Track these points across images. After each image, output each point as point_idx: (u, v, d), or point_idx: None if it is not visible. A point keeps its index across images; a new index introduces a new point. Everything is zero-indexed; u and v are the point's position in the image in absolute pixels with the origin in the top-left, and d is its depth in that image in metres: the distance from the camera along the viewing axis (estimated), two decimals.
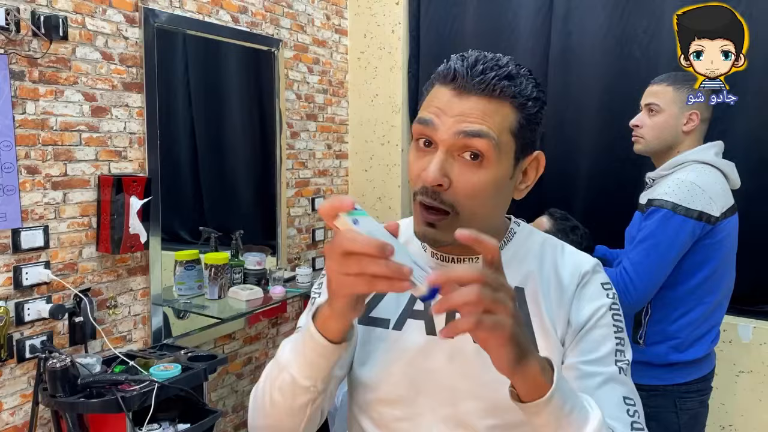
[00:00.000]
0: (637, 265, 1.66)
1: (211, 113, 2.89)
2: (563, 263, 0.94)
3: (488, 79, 0.82)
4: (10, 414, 1.87)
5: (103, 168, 2.09)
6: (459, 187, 0.83)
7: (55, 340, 1.96)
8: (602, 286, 0.92)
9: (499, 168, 0.84)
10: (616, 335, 0.89)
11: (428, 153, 0.85)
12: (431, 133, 0.84)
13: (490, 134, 0.82)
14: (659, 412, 1.76)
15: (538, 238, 0.97)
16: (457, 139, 0.82)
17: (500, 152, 0.83)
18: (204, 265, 2.46)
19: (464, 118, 0.82)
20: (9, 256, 1.83)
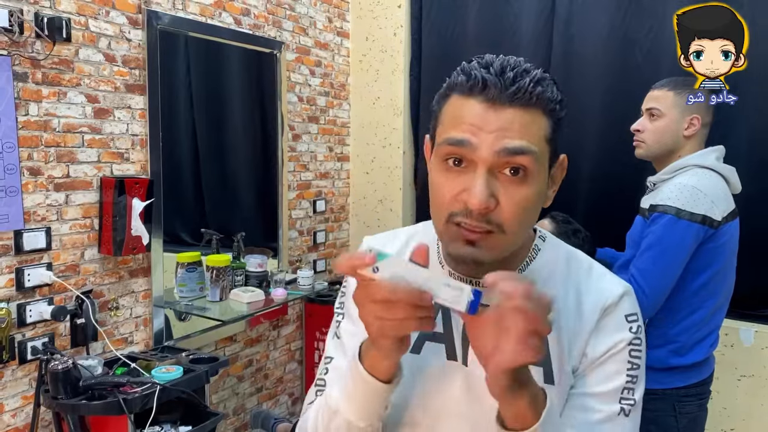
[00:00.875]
0: (645, 272, 1.66)
1: (212, 115, 2.90)
2: (588, 289, 0.88)
3: (523, 88, 0.77)
4: (11, 416, 1.87)
5: (106, 170, 2.09)
6: (506, 206, 0.78)
7: (57, 341, 1.96)
8: (626, 318, 0.86)
9: (540, 180, 0.80)
10: (628, 372, 0.85)
11: (462, 173, 0.79)
12: (468, 153, 0.78)
13: (532, 149, 0.77)
14: (658, 415, 1.76)
15: (562, 254, 0.91)
16: (500, 157, 0.77)
17: (541, 163, 0.79)
18: (205, 267, 2.46)
19: (504, 133, 0.76)
20: (11, 257, 1.84)
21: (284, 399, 2.98)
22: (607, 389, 0.84)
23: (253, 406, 2.78)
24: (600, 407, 0.84)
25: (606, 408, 0.84)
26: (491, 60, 0.80)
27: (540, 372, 0.85)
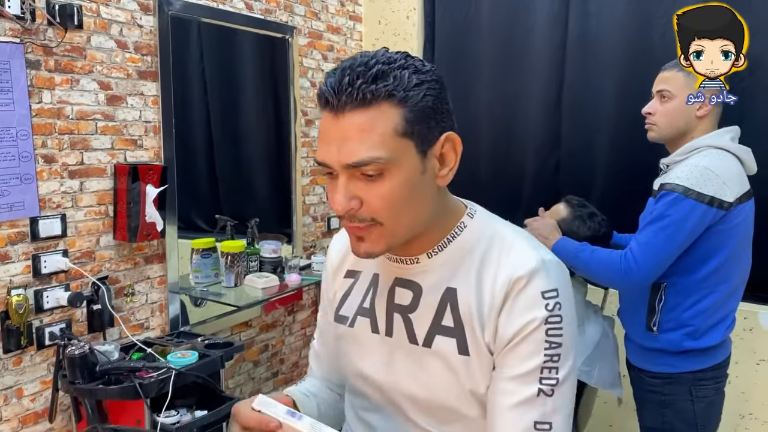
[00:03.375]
0: (643, 245, 1.65)
1: (225, 101, 2.90)
2: (505, 262, 0.88)
3: (356, 89, 0.79)
4: (30, 400, 1.90)
5: (119, 156, 2.10)
6: (370, 203, 0.83)
7: (74, 327, 1.98)
8: (542, 296, 0.85)
9: (403, 172, 0.82)
10: (546, 352, 0.85)
11: (335, 178, 0.85)
12: (329, 168, 0.84)
13: (370, 158, 0.80)
14: (674, 400, 1.75)
15: (488, 231, 0.93)
16: (348, 168, 0.82)
17: (395, 160, 0.81)
18: (220, 253, 2.47)
19: (344, 143, 0.80)
20: (27, 244, 1.85)
21: None
22: (524, 370, 0.85)
23: (269, 391, 2.80)
24: (517, 389, 0.85)
25: (523, 390, 0.85)
26: (338, 67, 0.83)
27: (453, 343, 0.89)
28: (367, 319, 0.99)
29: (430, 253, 0.93)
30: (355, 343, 1.01)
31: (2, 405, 1.83)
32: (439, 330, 0.91)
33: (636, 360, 1.84)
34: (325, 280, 1.12)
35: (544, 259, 0.88)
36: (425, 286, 0.93)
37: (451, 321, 0.90)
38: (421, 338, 0.92)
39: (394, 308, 0.96)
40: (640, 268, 1.64)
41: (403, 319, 0.94)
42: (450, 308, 0.90)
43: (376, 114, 0.80)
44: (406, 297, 0.94)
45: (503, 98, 2.80)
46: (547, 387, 0.85)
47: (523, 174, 2.77)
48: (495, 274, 0.88)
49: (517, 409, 0.85)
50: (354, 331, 1.01)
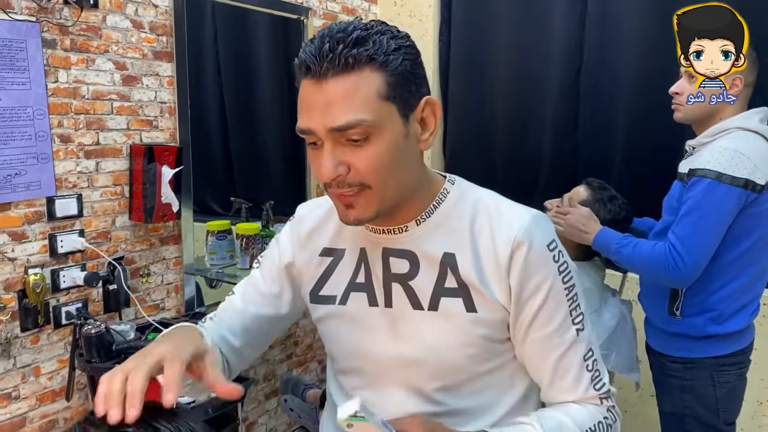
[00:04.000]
0: (684, 239, 1.60)
1: (240, 83, 2.89)
2: (498, 227, 0.92)
3: (337, 55, 0.80)
4: (48, 378, 1.91)
5: (135, 137, 2.09)
6: (358, 168, 0.83)
7: (90, 307, 1.99)
8: (547, 248, 0.91)
9: (388, 135, 0.83)
10: (568, 298, 0.92)
11: (318, 149, 0.85)
12: (313, 136, 0.84)
13: (357, 119, 0.81)
14: (696, 384, 1.73)
15: (471, 197, 0.96)
16: (333, 133, 0.82)
17: (380, 122, 0.82)
18: (235, 236, 2.47)
19: (329, 109, 0.81)
20: (44, 223, 1.86)
21: (314, 366, 3.01)
22: (559, 322, 0.92)
23: (283, 373, 2.81)
24: (558, 340, 0.93)
25: (563, 338, 0.93)
26: (317, 36, 0.83)
27: (460, 302, 0.92)
28: (363, 294, 0.98)
29: (419, 220, 0.94)
30: (349, 321, 1.00)
31: (20, 383, 1.84)
32: (444, 292, 0.93)
33: (657, 344, 1.82)
34: (285, 248, 1.07)
35: (533, 214, 0.93)
36: (420, 252, 0.94)
37: (454, 282, 0.92)
38: (426, 303, 0.94)
39: (391, 278, 0.96)
40: (686, 264, 1.59)
41: (404, 287, 0.95)
42: (451, 271, 0.92)
43: (359, 78, 0.81)
44: (402, 266, 0.95)
45: (521, 79, 2.76)
46: (578, 325, 0.94)
47: (541, 155, 2.73)
48: (492, 239, 0.91)
49: (566, 356, 0.93)
50: (347, 308, 1.00)
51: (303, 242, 1.05)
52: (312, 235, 1.04)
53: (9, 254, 1.78)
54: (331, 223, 1.03)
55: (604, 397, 0.96)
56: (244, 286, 1.10)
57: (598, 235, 1.76)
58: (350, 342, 1.01)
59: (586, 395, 0.95)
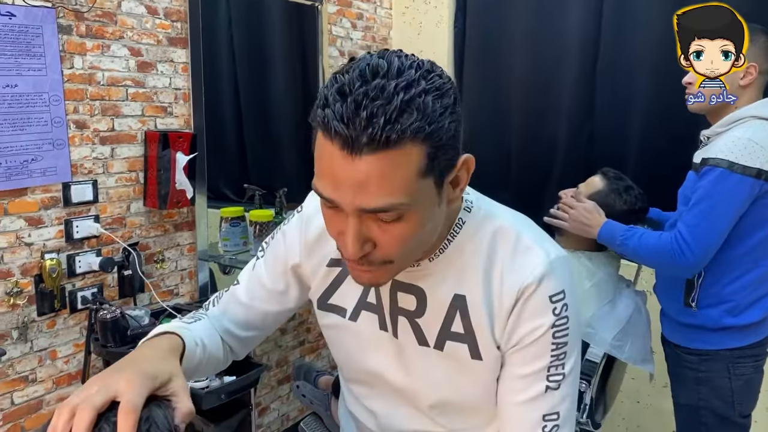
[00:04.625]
0: (692, 228, 1.59)
1: (254, 69, 2.88)
2: (512, 266, 0.86)
3: (378, 129, 0.67)
4: (64, 362, 1.93)
5: (150, 123, 2.10)
6: (385, 246, 0.76)
7: (105, 292, 2.00)
8: (549, 300, 0.85)
9: (422, 210, 0.75)
10: (552, 353, 0.86)
11: (338, 212, 0.75)
12: (334, 205, 0.74)
13: (392, 204, 0.71)
14: (711, 376, 1.72)
15: (489, 229, 0.88)
16: (363, 213, 0.73)
17: (416, 202, 0.73)
18: (249, 222, 2.47)
19: (361, 189, 0.70)
20: (60, 209, 1.87)
21: (326, 353, 3.02)
22: (531, 370, 0.87)
23: (296, 359, 2.82)
24: (524, 387, 0.88)
25: (530, 388, 0.88)
26: (348, 92, 0.68)
27: (465, 348, 0.89)
28: (374, 315, 0.95)
29: (432, 257, 0.88)
30: (358, 338, 0.97)
31: (37, 366, 1.87)
32: (450, 336, 0.90)
33: (672, 336, 1.81)
34: (292, 248, 1.00)
35: (551, 261, 0.86)
36: (429, 291, 0.89)
37: (461, 328, 0.89)
38: (432, 341, 0.91)
39: (398, 311, 0.92)
40: (693, 253, 1.58)
41: (410, 323, 0.92)
42: (460, 315, 0.88)
43: (399, 156, 0.69)
44: (410, 302, 0.91)
45: (536, 67, 2.74)
46: (553, 383, 0.87)
47: (556, 144, 2.71)
48: (503, 277, 0.86)
49: (526, 405, 0.88)
50: (357, 325, 0.96)
51: (311, 247, 0.99)
52: (320, 241, 0.97)
53: (26, 239, 1.80)
54: None
55: None
56: (248, 279, 1.06)
57: (603, 229, 1.75)
58: (359, 358, 0.99)
59: None
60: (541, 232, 0.91)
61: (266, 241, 1.07)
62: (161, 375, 0.70)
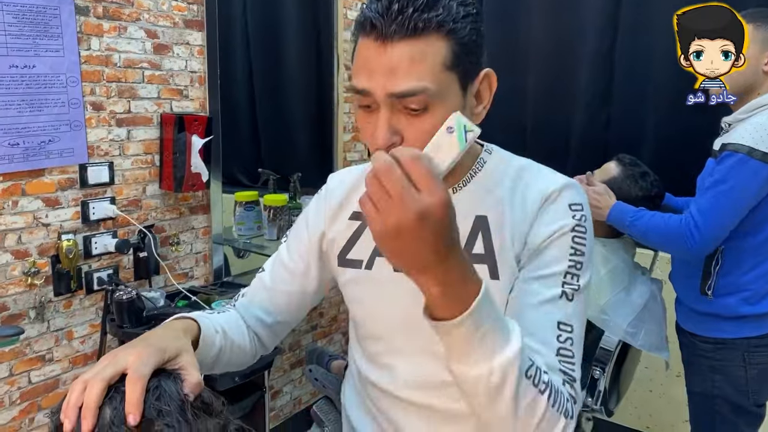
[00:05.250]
0: (705, 211, 1.58)
1: (267, 54, 2.87)
2: (534, 184, 0.92)
3: (407, 18, 0.76)
4: (80, 342, 1.95)
5: (165, 106, 2.10)
6: (411, 139, 0.80)
7: (121, 273, 2.02)
8: (569, 207, 0.90)
9: (446, 107, 0.79)
10: (570, 258, 0.88)
11: (372, 113, 0.82)
12: (369, 99, 0.80)
13: (420, 87, 0.77)
14: (726, 365, 1.71)
15: (514, 164, 0.96)
16: (393, 99, 0.79)
17: (441, 93, 0.79)
18: (263, 207, 2.48)
19: (392, 73, 0.77)
20: (77, 190, 1.88)
21: (338, 338, 3.03)
22: (549, 272, 0.87)
23: (308, 343, 2.84)
24: (541, 290, 0.87)
25: (547, 291, 0.87)
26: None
27: (485, 269, 0.90)
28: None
29: (455, 188, 0.94)
30: (374, 286, 0.99)
31: (54, 345, 1.89)
32: (471, 258, 0.89)
33: (687, 324, 1.80)
34: (316, 215, 1.07)
35: (569, 179, 0.93)
36: None
37: (482, 248, 0.91)
38: None
39: None
40: (702, 236, 1.57)
41: None
42: (481, 235, 0.91)
43: (426, 44, 0.77)
44: None
45: (553, 52, 2.71)
46: (569, 290, 0.87)
47: (571, 128, 2.68)
48: (525, 193, 0.91)
49: (542, 307, 0.86)
50: (372, 273, 0.98)
51: (335, 213, 1.04)
52: (343, 204, 1.04)
53: (43, 220, 1.81)
54: (362, 187, 0.99)
55: (567, 381, 0.83)
56: (272, 263, 1.10)
57: (612, 210, 1.75)
58: (373, 307, 1.00)
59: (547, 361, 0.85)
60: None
61: (290, 230, 1.12)
62: (169, 349, 0.73)
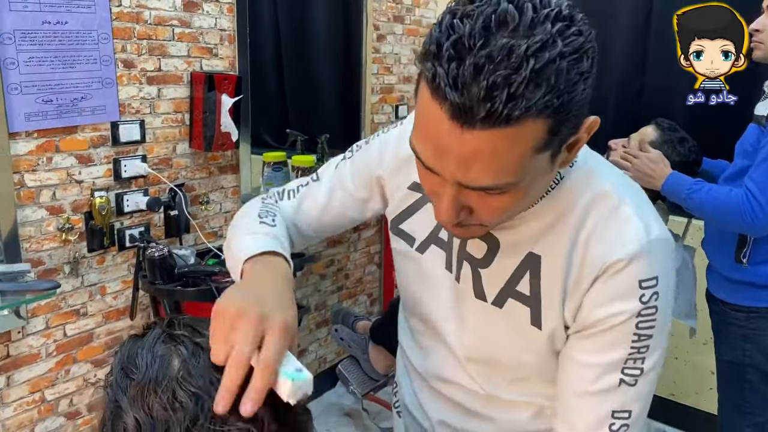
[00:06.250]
0: (763, 186, 1.51)
1: (295, 14, 2.84)
2: (602, 236, 0.74)
3: (498, 105, 0.57)
4: (113, 298, 1.99)
5: (195, 65, 2.09)
6: (482, 214, 0.69)
7: (152, 231, 2.04)
8: (639, 285, 0.73)
9: (530, 183, 0.67)
10: (633, 344, 0.75)
11: (431, 174, 0.67)
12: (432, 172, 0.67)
13: (498, 185, 0.64)
14: (758, 334, 1.69)
15: (588, 190, 0.76)
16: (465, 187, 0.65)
17: (526, 177, 0.65)
18: (291, 167, 2.48)
19: (466, 165, 0.62)
20: (109, 148, 1.89)
21: (363, 299, 3.06)
22: (605, 361, 0.76)
23: (334, 304, 2.87)
24: (596, 378, 0.77)
25: (603, 379, 0.77)
26: (469, 45, 0.57)
27: (527, 312, 0.80)
28: (442, 253, 0.87)
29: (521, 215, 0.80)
30: (421, 272, 0.91)
31: (88, 300, 1.92)
32: (513, 294, 0.81)
33: (719, 292, 1.77)
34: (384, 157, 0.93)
35: (650, 240, 0.73)
36: (504, 243, 0.80)
37: (527, 289, 0.79)
38: (490, 296, 0.83)
39: (464, 255, 0.84)
40: (765, 211, 1.50)
41: (473, 271, 0.84)
42: (530, 276, 0.79)
43: (516, 133, 0.59)
44: (479, 248, 0.82)
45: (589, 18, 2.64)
46: (629, 378, 0.76)
47: (606, 98, 2.64)
48: (588, 245, 0.75)
49: (594, 397, 0.78)
50: (423, 259, 0.90)
51: (400, 165, 0.91)
52: (409, 161, 0.87)
53: (76, 176, 1.83)
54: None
55: None
56: (330, 177, 0.98)
57: (668, 180, 1.68)
58: (417, 292, 0.94)
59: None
60: (647, 204, 0.78)
61: (358, 144, 0.98)
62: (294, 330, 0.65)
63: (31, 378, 1.83)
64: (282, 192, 1.00)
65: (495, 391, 0.89)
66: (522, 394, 0.88)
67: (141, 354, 0.62)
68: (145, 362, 0.61)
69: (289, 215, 0.97)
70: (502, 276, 0.81)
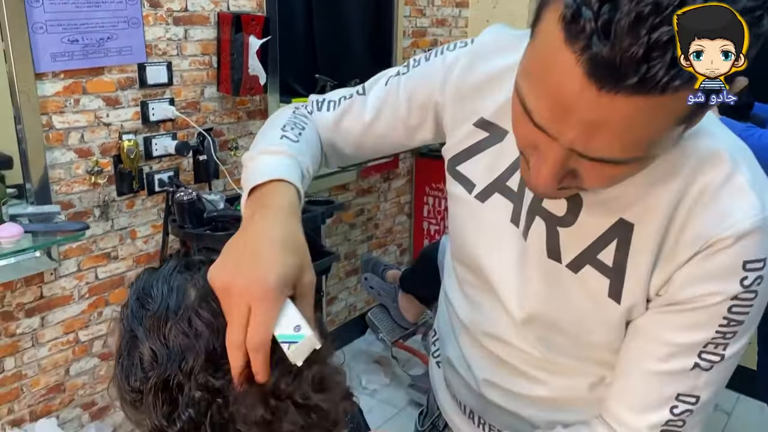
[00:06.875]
0: None
1: None
2: (708, 206, 0.64)
3: (657, 71, 0.47)
4: (143, 242, 1.99)
5: (222, 5, 2.03)
6: (588, 181, 0.59)
7: (181, 176, 2.02)
8: (743, 266, 0.63)
9: (658, 154, 0.58)
10: (720, 329, 0.66)
11: (538, 132, 0.57)
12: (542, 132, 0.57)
13: (625, 159, 0.55)
14: None
15: (698, 150, 0.66)
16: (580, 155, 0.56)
17: (655, 149, 0.56)
18: None
19: (592, 132, 0.52)
20: (136, 90, 1.86)
21: (393, 249, 3.03)
22: (683, 341, 0.67)
23: (364, 253, 2.85)
24: (669, 358, 0.68)
25: (676, 361, 0.68)
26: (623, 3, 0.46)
27: (605, 284, 0.70)
28: (509, 204, 0.77)
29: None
30: (479, 222, 0.80)
31: (118, 244, 1.93)
32: (593, 261, 0.71)
33: None
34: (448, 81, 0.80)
35: (765, 217, 0.63)
36: (589, 203, 0.70)
37: (610, 260, 0.69)
38: (566, 258, 0.72)
39: (538, 210, 0.74)
40: None
41: (548, 229, 0.73)
42: (616, 246, 0.69)
43: (666, 104, 0.50)
44: (559, 206, 0.72)
45: None
46: (706, 363, 0.68)
47: None
48: (691, 215, 0.65)
49: (661, 377, 0.69)
50: (483, 208, 0.79)
51: (465, 93, 0.79)
52: (479, 92, 0.78)
53: (104, 119, 1.81)
54: (505, 89, 0.73)
55: None
56: (377, 95, 0.86)
57: None
58: (474, 242, 0.82)
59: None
60: (763, 176, 0.68)
61: (416, 59, 0.85)
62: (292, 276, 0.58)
63: (65, 319, 1.85)
64: (321, 102, 0.89)
65: (553, 356, 0.80)
66: (584, 361, 0.79)
67: (156, 285, 0.61)
68: (161, 292, 0.60)
69: (326, 129, 0.87)
70: (583, 239, 0.71)
